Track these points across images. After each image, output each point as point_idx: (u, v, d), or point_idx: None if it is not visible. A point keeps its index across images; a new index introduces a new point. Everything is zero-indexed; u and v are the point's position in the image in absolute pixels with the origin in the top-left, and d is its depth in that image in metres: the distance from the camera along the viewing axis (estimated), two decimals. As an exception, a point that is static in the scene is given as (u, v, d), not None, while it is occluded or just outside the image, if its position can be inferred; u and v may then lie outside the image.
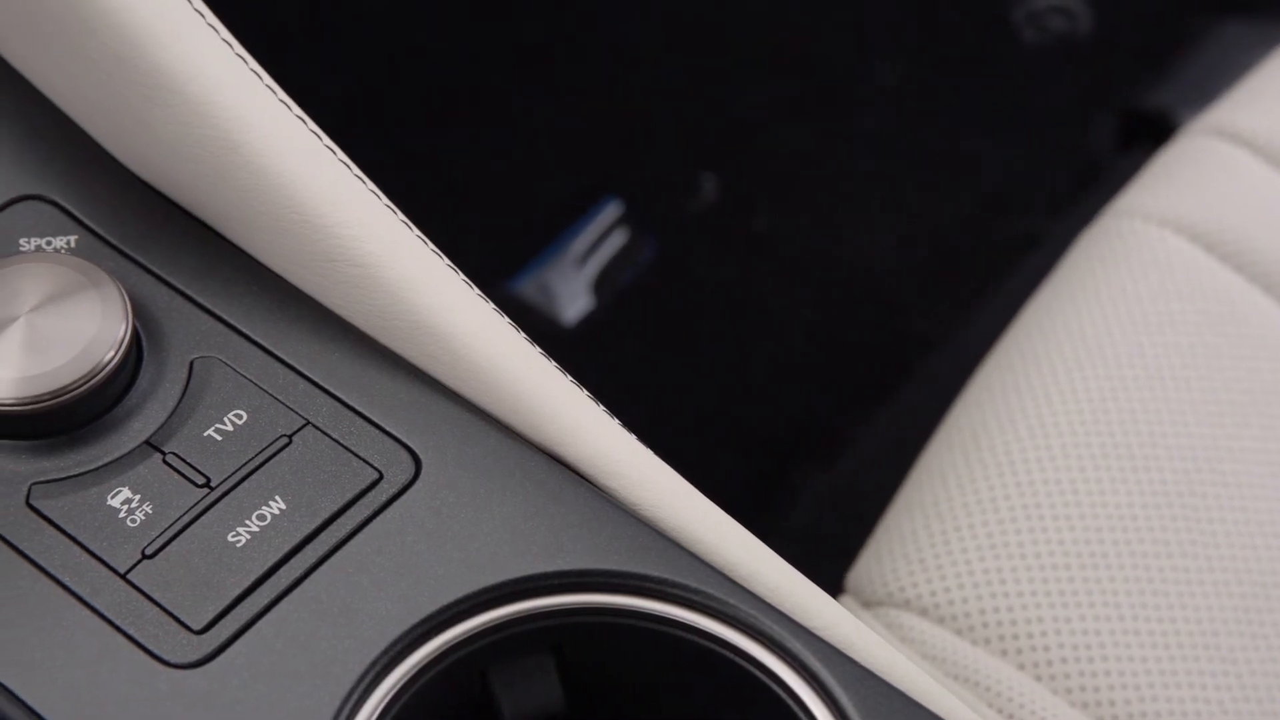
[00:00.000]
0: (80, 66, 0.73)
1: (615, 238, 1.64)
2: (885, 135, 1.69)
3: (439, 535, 0.66)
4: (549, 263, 1.62)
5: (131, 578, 0.64)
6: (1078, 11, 1.75)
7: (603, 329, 1.60)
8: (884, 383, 1.51)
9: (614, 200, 1.66)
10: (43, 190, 0.74)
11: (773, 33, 1.74)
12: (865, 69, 1.72)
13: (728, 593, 0.65)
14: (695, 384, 1.55)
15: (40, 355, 0.67)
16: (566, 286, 1.61)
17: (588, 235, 1.64)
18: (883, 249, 1.61)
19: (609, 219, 1.65)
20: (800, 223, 1.64)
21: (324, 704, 0.61)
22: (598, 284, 1.62)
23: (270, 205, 0.71)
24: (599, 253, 1.63)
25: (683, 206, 1.66)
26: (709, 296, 1.61)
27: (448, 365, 0.70)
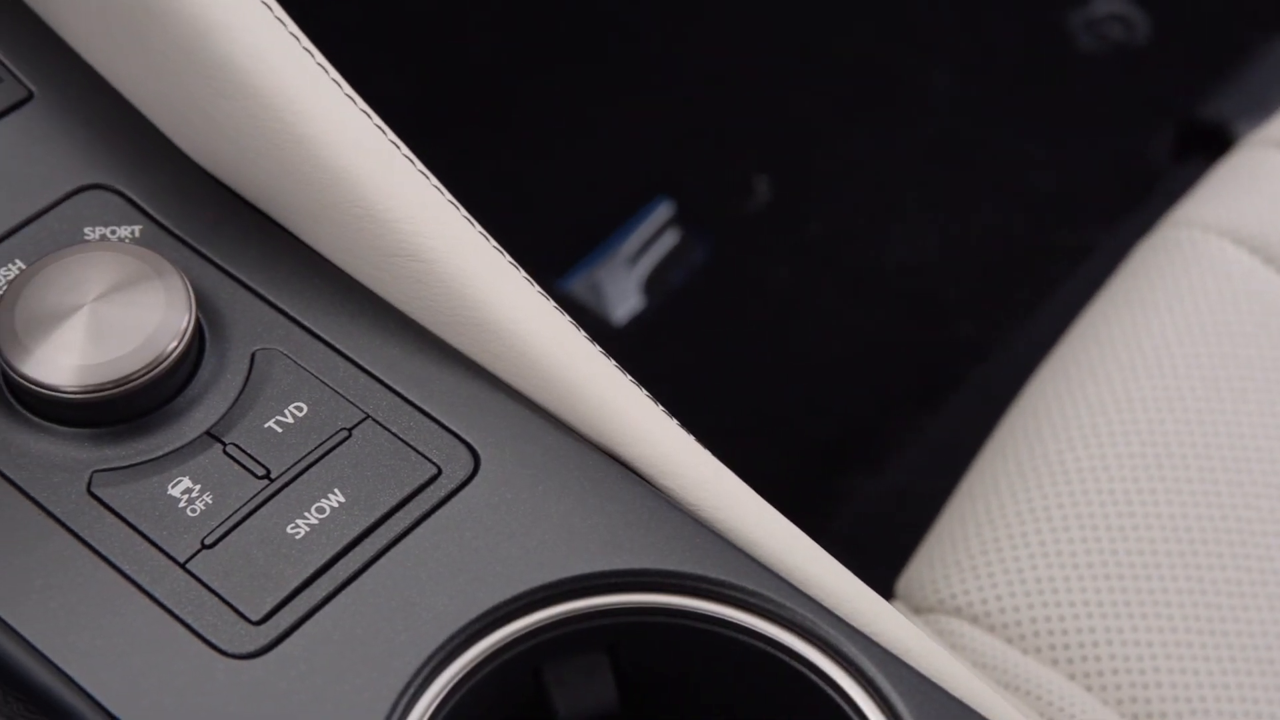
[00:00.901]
0: (148, 58, 0.74)
1: (667, 238, 1.64)
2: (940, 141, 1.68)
3: (496, 531, 0.66)
4: (600, 262, 1.63)
5: (191, 567, 0.64)
6: (1135, 20, 1.74)
7: (652, 329, 1.60)
8: (933, 389, 1.51)
9: (666, 200, 1.66)
10: (108, 180, 0.75)
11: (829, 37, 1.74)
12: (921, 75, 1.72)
13: (784, 596, 0.65)
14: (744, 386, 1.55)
15: (103, 344, 0.67)
16: (617, 286, 1.61)
17: (639, 235, 1.64)
18: (935, 255, 1.61)
19: (661, 219, 1.65)
20: (852, 227, 1.64)
21: (380, 698, 0.61)
22: (648, 284, 1.62)
23: (334, 199, 0.71)
24: (650, 253, 1.63)
25: (735, 208, 1.66)
26: (759, 299, 1.61)
27: (508, 362, 0.70)
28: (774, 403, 1.54)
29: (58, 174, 0.74)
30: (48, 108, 0.76)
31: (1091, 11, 1.75)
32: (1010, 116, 1.70)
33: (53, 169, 0.74)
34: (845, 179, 1.67)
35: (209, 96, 0.72)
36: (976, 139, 1.68)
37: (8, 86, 0.76)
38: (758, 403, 1.54)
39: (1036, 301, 1.54)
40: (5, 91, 0.75)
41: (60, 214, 0.73)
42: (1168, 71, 1.73)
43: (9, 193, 0.73)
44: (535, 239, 1.62)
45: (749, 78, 1.72)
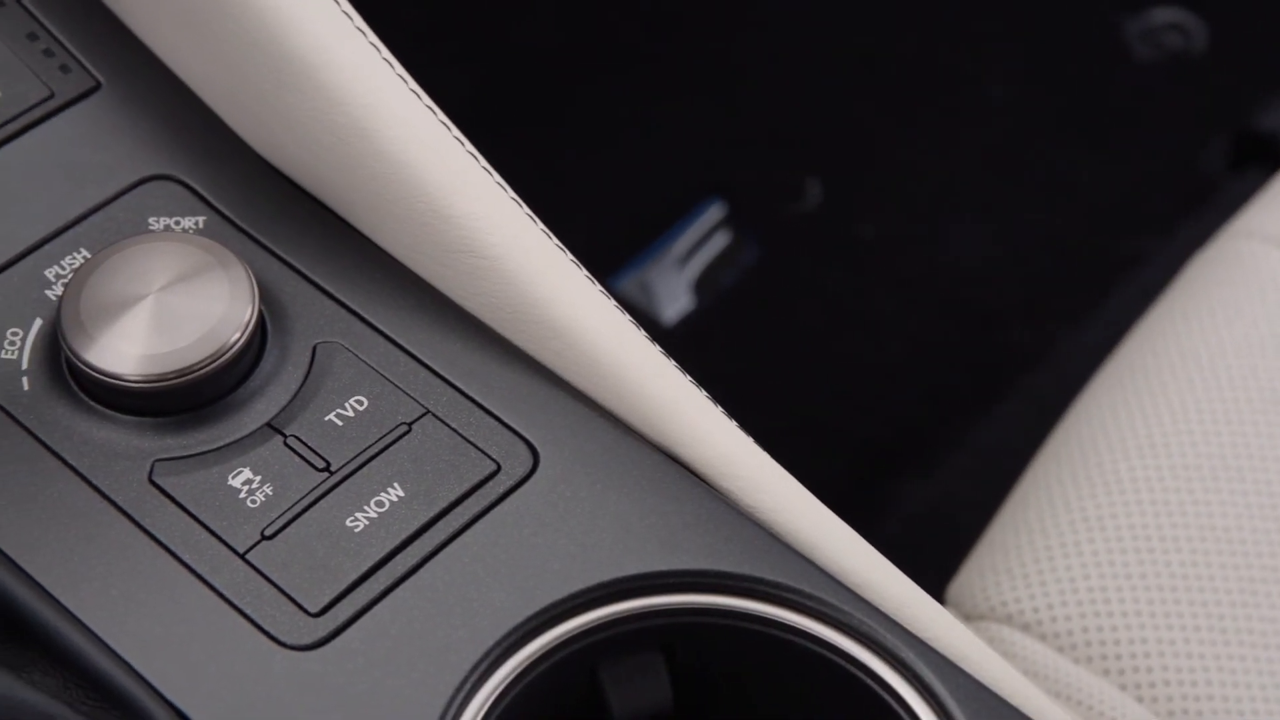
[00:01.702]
0: (215, 50, 0.74)
1: (718, 239, 1.64)
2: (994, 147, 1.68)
3: (555, 529, 0.66)
4: (650, 261, 1.63)
5: (250, 558, 0.65)
6: (1193, 30, 1.73)
7: (702, 330, 1.60)
8: (983, 395, 1.50)
9: (718, 201, 1.66)
10: (172, 171, 0.75)
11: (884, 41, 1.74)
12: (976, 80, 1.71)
13: (841, 599, 0.65)
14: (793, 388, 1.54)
15: (167, 334, 0.68)
16: (667, 286, 1.61)
17: (690, 235, 1.64)
18: (987, 261, 1.61)
19: (712, 220, 1.65)
20: (904, 231, 1.64)
21: (437, 693, 0.62)
22: (698, 285, 1.62)
23: (398, 194, 0.71)
24: (701, 253, 1.63)
25: (787, 210, 1.65)
26: (810, 301, 1.60)
27: (568, 360, 0.70)
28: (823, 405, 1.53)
29: (123, 164, 0.75)
30: (115, 98, 0.76)
31: (1149, 20, 1.74)
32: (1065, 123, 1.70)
33: (119, 159, 0.75)
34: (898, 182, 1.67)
35: (274, 90, 0.73)
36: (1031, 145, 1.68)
37: (76, 76, 0.76)
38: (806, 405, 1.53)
39: (1088, 309, 1.53)
40: (73, 81, 0.76)
41: (125, 204, 0.74)
42: (1225, 81, 1.72)
43: (75, 182, 0.74)
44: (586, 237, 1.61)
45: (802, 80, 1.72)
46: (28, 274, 0.71)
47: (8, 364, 0.69)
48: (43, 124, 0.75)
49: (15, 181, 0.73)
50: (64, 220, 0.73)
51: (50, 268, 0.71)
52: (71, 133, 0.75)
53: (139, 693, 0.61)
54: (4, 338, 0.69)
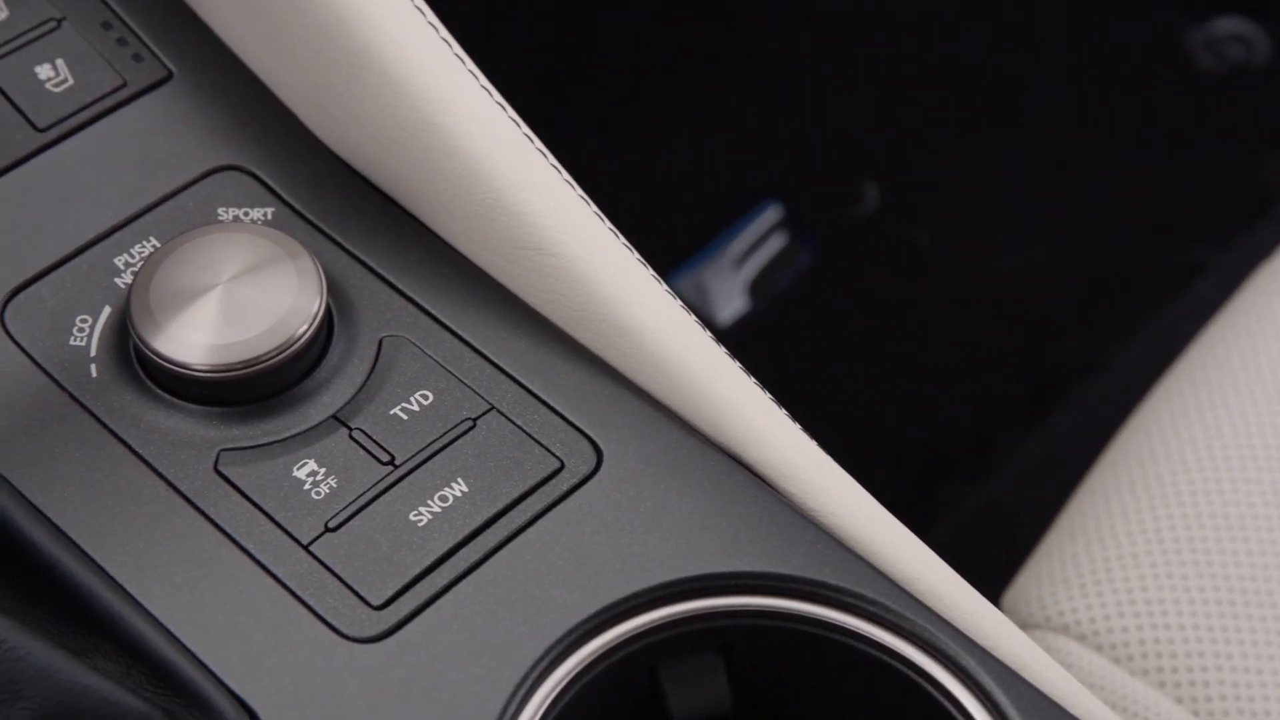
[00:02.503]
0: (287, 42, 0.74)
1: (774, 241, 1.64)
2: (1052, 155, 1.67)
3: (617, 528, 0.66)
4: (706, 262, 1.62)
5: (314, 549, 0.65)
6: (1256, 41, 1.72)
7: (756, 332, 1.59)
8: (1037, 403, 1.50)
9: (774, 203, 1.66)
10: (242, 161, 0.75)
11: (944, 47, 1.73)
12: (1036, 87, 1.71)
13: (904, 605, 0.65)
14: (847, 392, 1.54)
15: (235, 324, 0.68)
16: (722, 287, 1.61)
17: (746, 237, 1.64)
18: (1043, 268, 1.60)
19: (768, 222, 1.65)
20: (961, 237, 1.63)
21: (498, 688, 0.62)
22: (754, 287, 1.62)
23: (466, 189, 0.71)
24: (757, 255, 1.63)
25: (843, 214, 1.65)
26: (865, 305, 1.60)
27: (633, 359, 0.70)
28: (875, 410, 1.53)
29: (194, 154, 0.75)
30: (186, 88, 0.77)
31: (1212, 30, 1.73)
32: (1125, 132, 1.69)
33: (189, 149, 0.75)
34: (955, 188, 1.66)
35: (346, 83, 0.73)
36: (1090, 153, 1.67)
37: (149, 66, 0.76)
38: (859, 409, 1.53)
39: (1144, 320, 1.52)
40: (146, 70, 0.76)
41: (195, 193, 0.74)
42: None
43: (146, 171, 0.74)
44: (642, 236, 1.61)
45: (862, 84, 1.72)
46: (97, 261, 0.72)
47: (76, 351, 0.69)
48: (115, 112, 0.75)
49: (87, 169, 0.74)
50: (134, 209, 0.73)
51: (120, 256, 0.72)
52: (143, 122, 0.75)
53: (202, 681, 0.61)
54: (73, 324, 0.70)
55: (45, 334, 0.69)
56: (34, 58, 0.75)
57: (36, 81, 0.75)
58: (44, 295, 0.70)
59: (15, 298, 0.70)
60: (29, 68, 0.75)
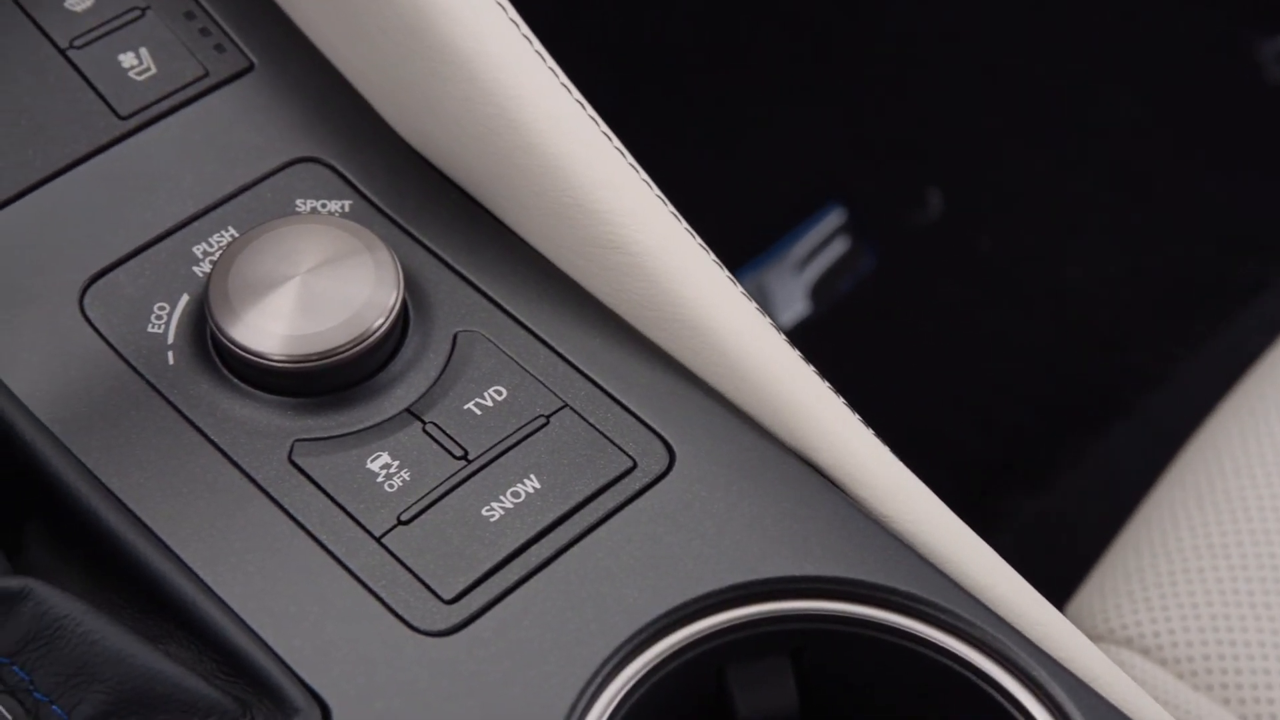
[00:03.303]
0: (368, 35, 0.75)
1: (836, 245, 1.63)
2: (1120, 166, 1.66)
3: (689, 529, 0.66)
4: (768, 265, 1.62)
5: (386, 542, 0.65)
6: (1328, 54, 1.71)
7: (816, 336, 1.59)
8: (1100, 414, 1.49)
9: (838, 207, 1.65)
10: (320, 154, 0.75)
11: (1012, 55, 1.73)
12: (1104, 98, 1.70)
13: (975, 614, 0.65)
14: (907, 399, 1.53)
15: (312, 315, 0.68)
16: (784, 290, 1.61)
17: (809, 240, 1.63)
18: (1108, 280, 1.59)
19: (832, 226, 1.64)
20: (1025, 246, 1.62)
21: (567, 685, 0.62)
22: (815, 290, 1.61)
23: (545, 187, 0.71)
24: (819, 259, 1.63)
25: (907, 220, 1.65)
26: (927, 312, 1.59)
27: (707, 360, 0.70)
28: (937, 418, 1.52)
29: (273, 145, 0.75)
30: (267, 79, 0.77)
31: (1283, 43, 1.72)
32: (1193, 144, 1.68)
33: (268, 140, 0.75)
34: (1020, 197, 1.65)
35: (426, 77, 0.73)
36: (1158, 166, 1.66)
37: (230, 56, 0.77)
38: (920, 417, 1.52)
39: (1210, 333, 1.51)
40: (227, 61, 0.77)
41: (273, 184, 0.74)
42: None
43: (225, 161, 0.74)
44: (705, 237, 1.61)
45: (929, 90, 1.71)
46: (176, 250, 0.72)
47: (154, 338, 0.70)
48: (196, 102, 0.76)
49: (167, 158, 0.74)
50: (213, 198, 0.74)
51: (198, 244, 0.72)
52: (224, 112, 0.76)
53: (273, 670, 0.61)
54: (151, 312, 0.70)
55: (123, 321, 0.70)
56: (118, 46, 0.76)
57: (120, 69, 0.75)
58: (123, 282, 0.71)
59: (94, 284, 0.71)
60: (113, 56, 0.75)
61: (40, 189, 0.72)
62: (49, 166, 0.73)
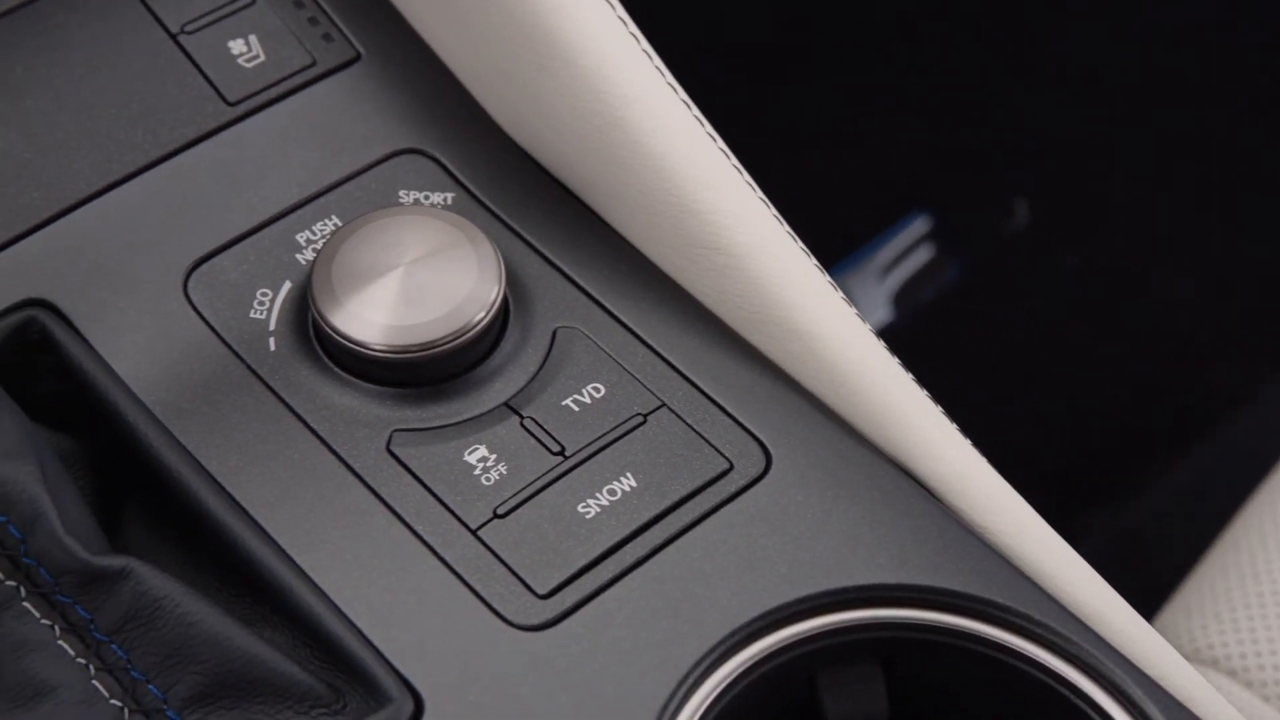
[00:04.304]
0: (476, 28, 0.75)
1: (921, 253, 1.63)
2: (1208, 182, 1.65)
3: (784, 532, 0.66)
4: (851, 270, 1.62)
5: (482, 535, 0.65)
6: None
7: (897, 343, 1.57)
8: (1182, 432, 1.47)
9: (923, 215, 1.65)
10: (424, 145, 0.76)
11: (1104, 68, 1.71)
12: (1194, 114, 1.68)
13: (1070, 629, 0.64)
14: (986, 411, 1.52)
15: (414, 307, 0.68)
16: (867, 296, 1.60)
17: (893, 247, 1.63)
18: (1195, 297, 1.58)
19: (917, 233, 1.64)
20: (1112, 260, 1.61)
21: (659, 684, 0.62)
22: (898, 298, 1.61)
23: (647, 185, 0.71)
24: (903, 266, 1.62)
25: (993, 230, 1.64)
26: (1010, 323, 1.59)
27: (805, 364, 0.70)
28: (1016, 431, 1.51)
29: (378, 135, 0.76)
30: (373, 70, 0.77)
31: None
32: (1284, 161, 1.66)
33: (373, 130, 0.76)
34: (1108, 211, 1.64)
35: (532, 72, 0.73)
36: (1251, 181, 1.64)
37: (338, 46, 0.77)
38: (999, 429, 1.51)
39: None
40: (335, 51, 0.77)
41: (377, 175, 0.75)
42: None
43: (330, 150, 0.75)
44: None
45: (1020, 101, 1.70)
46: (279, 237, 0.72)
47: (256, 324, 0.70)
48: (303, 90, 0.76)
49: (273, 145, 0.75)
50: (318, 186, 0.74)
51: (302, 232, 0.73)
52: (330, 101, 0.76)
53: (369, 660, 0.62)
54: (254, 297, 0.71)
55: (226, 306, 0.70)
56: (228, 32, 0.76)
57: (229, 56, 0.76)
58: (227, 267, 0.71)
59: (199, 268, 0.71)
60: (223, 42, 0.76)
61: (148, 172, 0.73)
62: (157, 150, 0.73)
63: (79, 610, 0.61)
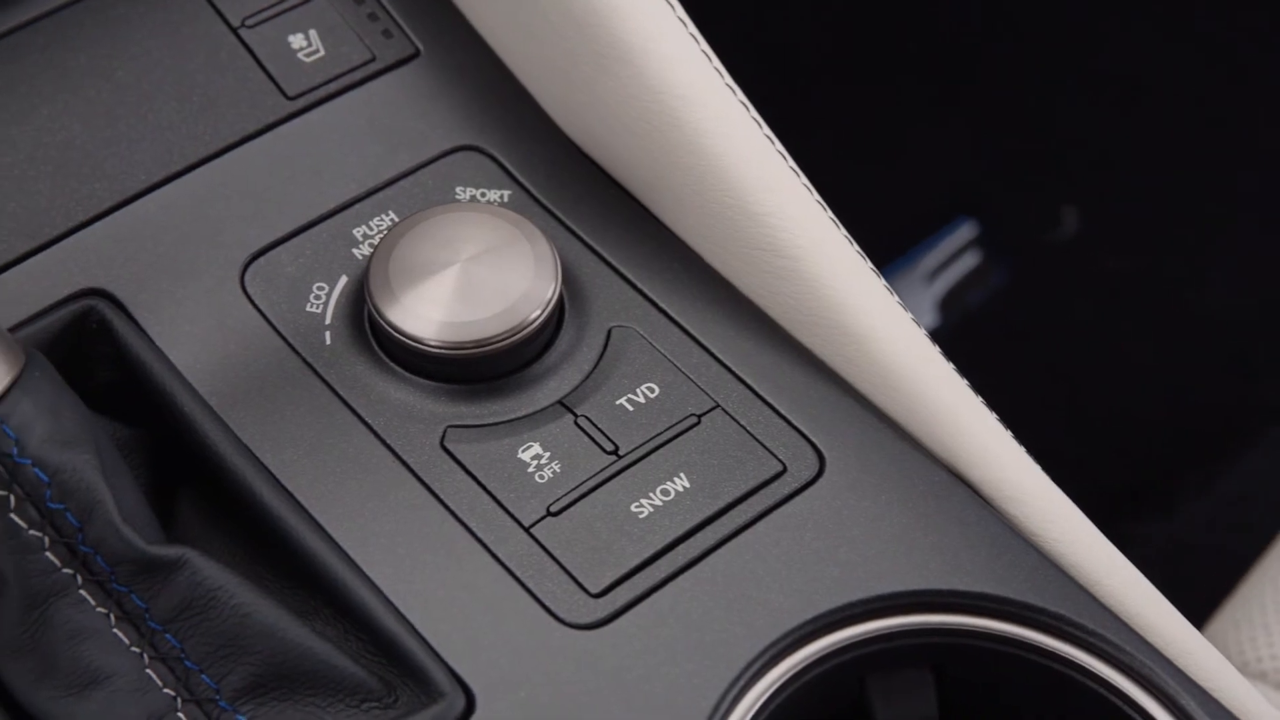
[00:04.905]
0: (539, 29, 0.75)
1: (967, 258, 1.62)
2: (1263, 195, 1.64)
3: (837, 536, 0.65)
4: (898, 274, 1.61)
5: (535, 532, 0.65)
6: None
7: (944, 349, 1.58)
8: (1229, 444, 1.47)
9: (970, 220, 1.64)
10: (481, 143, 0.76)
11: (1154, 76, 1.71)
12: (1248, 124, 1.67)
13: (1124, 639, 0.64)
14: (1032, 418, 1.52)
15: (470, 304, 0.68)
16: (913, 300, 1.60)
17: (940, 252, 1.62)
18: (1246, 310, 1.57)
19: (964, 239, 1.63)
20: (1161, 270, 1.60)
21: (710, 685, 0.62)
22: (944, 303, 1.60)
23: (705, 186, 0.71)
24: (950, 271, 1.62)
25: (1040, 237, 1.63)
26: (1056, 331, 1.58)
27: (860, 368, 0.70)
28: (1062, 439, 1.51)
29: (435, 132, 0.76)
30: (432, 66, 0.77)
31: None
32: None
33: (431, 127, 0.76)
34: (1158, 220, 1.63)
35: (593, 72, 0.73)
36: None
37: (397, 42, 0.77)
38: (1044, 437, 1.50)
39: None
40: (394, 47, 0.77)
41: (435, 171, 0.75)
42: None
43: (388, 145, 0.75)
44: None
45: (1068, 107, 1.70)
46: (336, 231, 0.73)
47: (312, 317, 0.70)
48: (362, 86, 0.76)
49: (331, 140, 0.75)
50: (375, 182, 0.74)
51: (359, 227, 0.73)
52: (389, 97, 0.76)
53: (421, 655, 0.62)
54: (310, 291, 0.71)
55: (283, 299, 0.71)
56: (288, 27, 0.77)
57: (289, 50, 0.76)
58: (283, 260, 0.72)
59: (256, 261, 0.72)
60: (283, 36, 0.76)
61: (207, 165, 0.73)
62: (216, 143, 0.74)
63: (134, 599, 0.61)
